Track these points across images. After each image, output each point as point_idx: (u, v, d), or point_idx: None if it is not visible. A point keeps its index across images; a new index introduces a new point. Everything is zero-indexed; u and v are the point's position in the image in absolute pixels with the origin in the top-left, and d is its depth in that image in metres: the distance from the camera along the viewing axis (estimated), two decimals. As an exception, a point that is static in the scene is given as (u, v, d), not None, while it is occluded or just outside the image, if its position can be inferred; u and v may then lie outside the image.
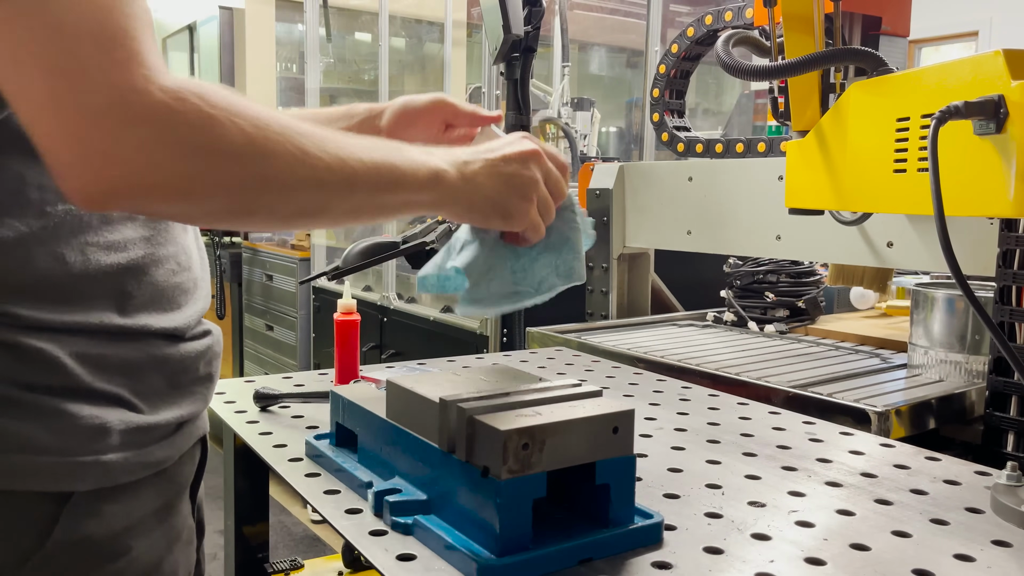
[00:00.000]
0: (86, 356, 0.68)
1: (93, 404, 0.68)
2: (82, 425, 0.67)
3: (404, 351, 3.03)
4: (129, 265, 0.71)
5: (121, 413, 0.70)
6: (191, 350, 0.77)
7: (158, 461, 0.73)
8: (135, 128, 0.55)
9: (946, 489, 0.90)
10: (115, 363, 0.70)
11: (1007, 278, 1.17)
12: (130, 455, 0.70)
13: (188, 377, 0.77)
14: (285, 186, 0.63)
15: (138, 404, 0.71)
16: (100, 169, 0.56)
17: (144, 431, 0.71)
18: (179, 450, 0.76)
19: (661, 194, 1.93)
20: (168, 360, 0.75)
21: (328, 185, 0.66)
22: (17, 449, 0.64)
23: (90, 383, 0.68)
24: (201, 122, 0.58)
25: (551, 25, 3.74)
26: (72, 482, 0.67)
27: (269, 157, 0.61)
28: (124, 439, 0.69)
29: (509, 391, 0.76)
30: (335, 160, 0.65)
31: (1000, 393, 1.19)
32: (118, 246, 0.71)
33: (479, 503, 0.68)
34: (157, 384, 0.74)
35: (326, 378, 1.33)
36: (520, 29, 1.91)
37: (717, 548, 0.74)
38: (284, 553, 2.95)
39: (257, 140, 0.60)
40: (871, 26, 1.30)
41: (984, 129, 0.86)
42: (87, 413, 0.67)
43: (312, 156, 0.64)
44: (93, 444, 0.67)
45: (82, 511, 0.68)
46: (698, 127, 4.15)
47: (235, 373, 4.42)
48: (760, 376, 1.42)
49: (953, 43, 6.44)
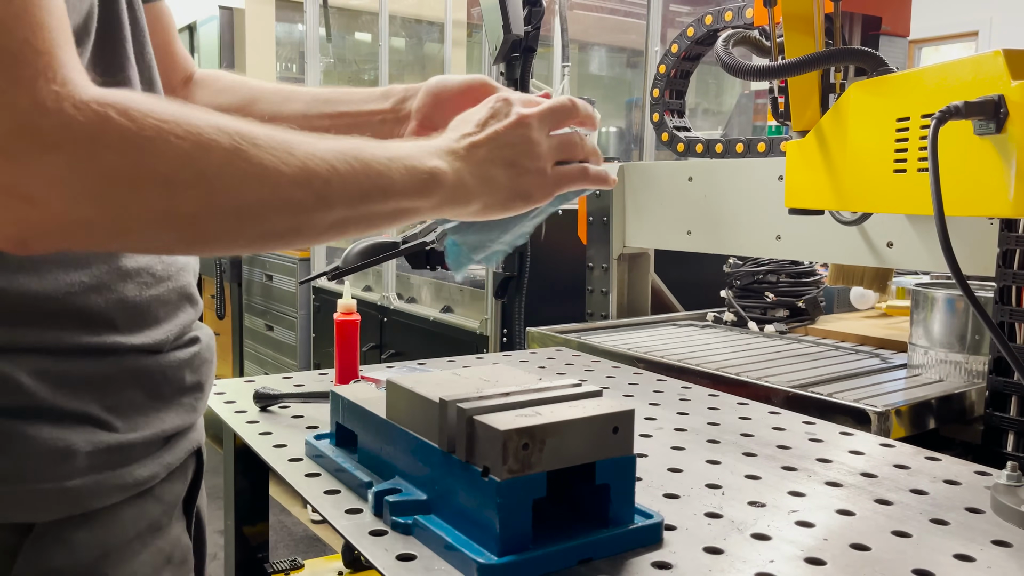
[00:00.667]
0: (46, 373, 0.60)
1: (55, 425, 0.60)
2: (44, 449, 0.59)
3: (404, 351, 3.03)
4: (92, 282, 0.63)
5: (89, 433, 0.62)
6: (174, 360, 0.70)
7: (139, 481, 0.66)
8: (46, 157, 0.47)
9: (946, 489, 0.90)
10: (81, 379, 0.62)
11: (1007, 278, 1.17)
12: (102, 478, 0.62)
13: (171, 388, 0.70)
14: (242, 210, 0.55)
15: (111, 421, 0.64)
16: (11, 209, 0.47)
17: (119, 451, 0.64)
18: (167, 467, 0.69)
19: (661, 194, 1.93)
20: (146, 372, 0.67)
21: (296, 203, 0.57)
22: None
23: (52, 402, 0.60)
24: (127, 143, 0.49)
25: (551, 25, 3.74)
26: (31, 512, 0.59)
27: (215, 179, 0.53)
28: (94, 461, 0.62)
29: (509, 391, 0.76)
30: (301, 173, 0.57)
31: (1000, 393, 1.19)
32: (77, 262, 0.63)
33: (479, 503, 0.68)
34: (134, 398, 0.66)
35: (326, 378, 1.33)
36: (520, 29, 1.91)
37: (717, 548, 0.74)
38: (284, 553, 2.96)
39: (198, 160, 0.52)
40: (871, 26, 1.30)
41: (984, 129, 0.86)
42: (48, 435, 0.59)
43: (272, 171, 0.55)
44: (56, 469, 0.60)
45: (48, 541, 0.60)
46: (698, 127, 4.15)
47: (235, 373, 4.42)
48: (760, 376, 1.42)
49: (953, 43, 6.44)
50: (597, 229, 2.08)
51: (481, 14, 1.99)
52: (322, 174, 0.58)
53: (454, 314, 2.82)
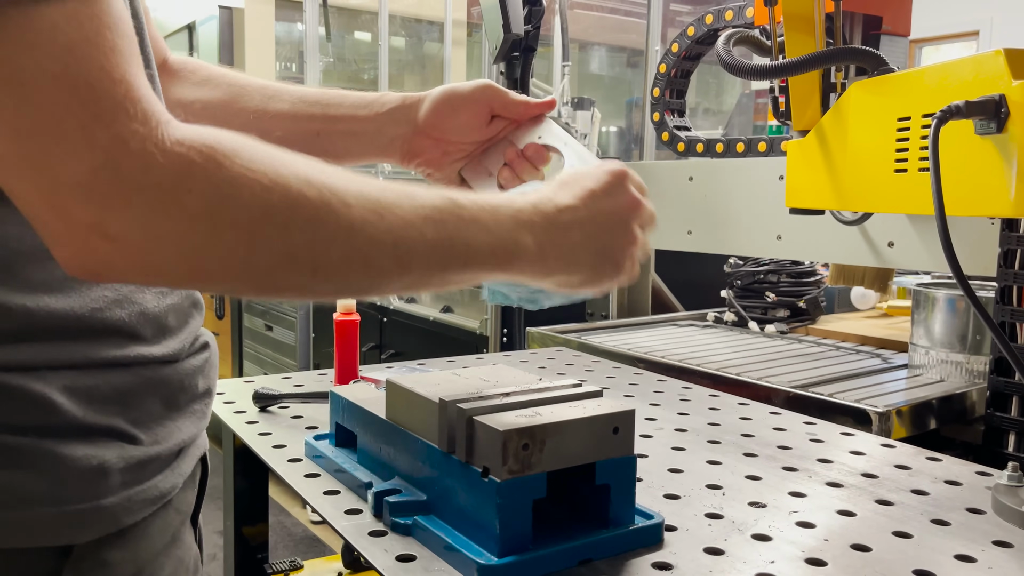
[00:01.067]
0: (76, 390, 0.59)
1: (88, 442, 0.59)
2: (79, 468, 0.58)
3: (404, 351, 3.02)
4: (115, 296, 0.62)
5: (119, 448, 0.61)
6: (189, 367, 0.69)
7: (162, 494, 0.65)
8: (128, 197, 0.46)
9: (947, 489, 0.90)
10: (108, 392, 0.61)
11: (1008, 278, 1.17)
12: (132, 493, 0.62)
13: (186, 396, 0.69)
14: (321, 267, 0.53)
15: (136, 434, 0.63)
16: (91, 245, 0.46)
17: (144, 464, 0.63)
18: (182, 476, 0.68)
19: (661, 194, 1.93)
20: (165, 382, 0.66)
21: (376, 266, 0.55)
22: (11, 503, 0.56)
23: (83, 418, 0.59)
24: (212, 190, 0.48)
25: (551, 24, 3.73)
26: (72, 534, 0.58)
27: (298, 234, 0.51)
28: (125, 477, 0.61)
29: (509, 391, 0.75)
30: (388, 238, 0.54)
31: (1001, 393, 1.18)
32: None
33: (479, 503, 0.68)
34: (153, 409, 0.65)
35: (326, 378, 1.33)
36: (520, 28, 1.90)
37: (718, 549, 0.74)
38: (284, 554, 2.95)
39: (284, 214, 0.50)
40: (872, 25, 1.30)
41: (985, 129, 0.85)
42: (82, 454, 0.58)
43: (359, 235, 0.53)
44: (92, 488, 0.59)
45: (88, 563, 0.60)
46: (699, 127, 4.15)
47: (234, 373, 4.42)
48: (761, 376, 1.42)
49: (954, 43, 6.44)
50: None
51: (481, 13, 1.99)
52: (408, 241, 0.56)
53: (454, 314, 2.82)
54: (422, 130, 0.84)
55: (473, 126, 0.85)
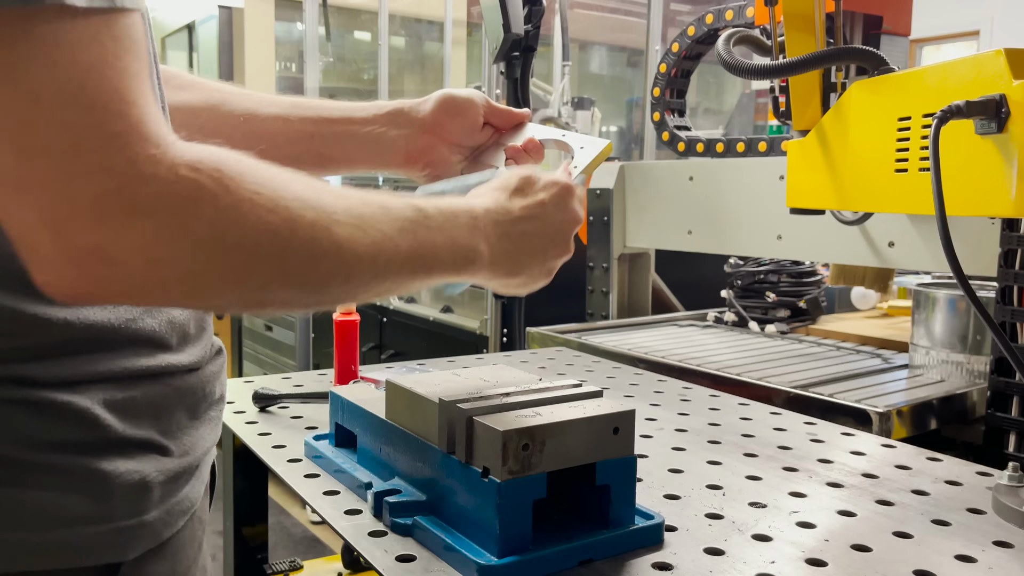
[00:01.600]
0: (114, 402, 0.59)
1: (128, 457, 0.59)
2: (123, 485, 0.58)
3: (404, 351, 3.02)
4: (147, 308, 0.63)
5: (156, 461, 0.61)
6: (208, 374, 0.69)
7: (193, 503, 0.65)
8: (136, 223, 0.45)
9: (947, 490, 0.90)
10: (143, 404, 0.61)
11: (1008, 278, 1.17)
12: (169, 506, 0.62)
13: (206, 404, 0.69)
14: (309, 283, 0.54)
15: (168, 446, 0.63)
16: (87, 267, 0.45)
17: (178, 476, 0.63)
18: (204, 484, 0.69)
19: (662, 194, 1.93)
20: (191, 390, 0.66)
21: (356, 278, 0.57)
22: (59, 523, 0.55)
23: (122, 432, 0.59)
24: (219, 215, 0.48)
25: (551, 24, 3.74)
26: (119, 552, 0.58)
27: (294, 255, 0.52)
28: (163, 490, 0.61)
29: (509, 391, 0.75)
30: (369, 251, 0.57)
31: (1002, 393, 1.18)
32: None
33: (479, 504, 0.68)
34: (181, 419, 0.65)
35: (325, 378, 1.33)
36: (520, 28, 1.90)
37: (718, 549, 0.73)
38: (283, 554, 2.95)
39: (283, 237, 0.51)
40: (872, 25, 1.30)
41: (985, 129, 0.85)
42: (124, 469, 0.58)
43: (346, 251, 0.55)
44: (137, 505, 0.59)
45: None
46: (699, 126, 4.15)
47: (234, 373, 4.41)
48: (761, 376, 1.42)
49: (954, 42, 6.44)
50: (597, 229, 2.07)
51: (481, 13, 1.99)
52: (386, 253, 0.59)
53: (454, 314, 2.81)
54: (428, 129, 0.88)
55: (473, 128, 0.89)
